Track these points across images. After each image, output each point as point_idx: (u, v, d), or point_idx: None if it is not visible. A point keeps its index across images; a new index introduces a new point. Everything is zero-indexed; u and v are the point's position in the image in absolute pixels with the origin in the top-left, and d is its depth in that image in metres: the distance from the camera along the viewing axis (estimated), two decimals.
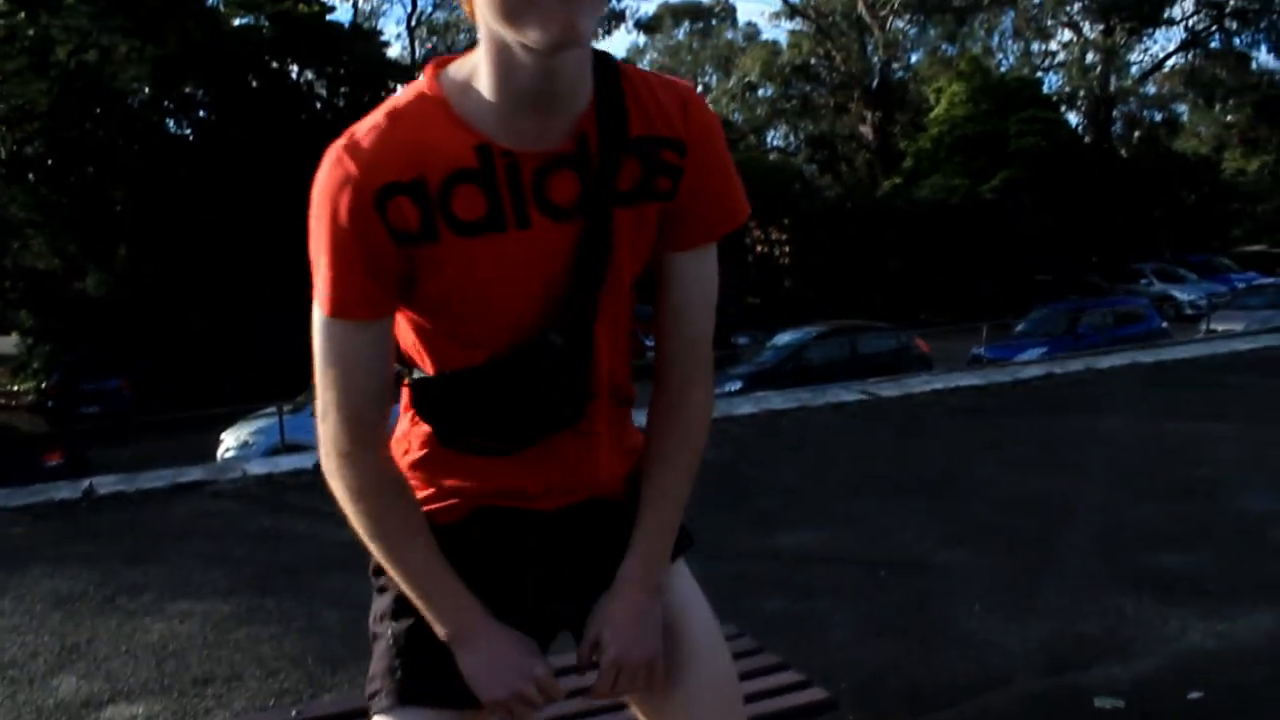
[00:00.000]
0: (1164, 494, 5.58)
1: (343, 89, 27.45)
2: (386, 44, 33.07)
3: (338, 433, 1.31)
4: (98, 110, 22.60)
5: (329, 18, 28.41)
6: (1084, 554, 4.63)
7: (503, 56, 1.17)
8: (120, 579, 4.80)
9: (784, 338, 18.37)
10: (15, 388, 24.22)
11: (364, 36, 30.53)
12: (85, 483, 6.43)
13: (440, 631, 1.38)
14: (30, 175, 23.11)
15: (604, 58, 1.28)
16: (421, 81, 1.26)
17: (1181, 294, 27.65)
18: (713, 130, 1.34)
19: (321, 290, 1.25)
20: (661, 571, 1.46)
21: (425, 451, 1.43)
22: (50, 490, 6.39)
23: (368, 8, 37.12)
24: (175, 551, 5.24)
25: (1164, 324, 19.60)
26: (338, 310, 1.25)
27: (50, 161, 23.13)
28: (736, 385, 15.99)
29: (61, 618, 4.37)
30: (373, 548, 1.38)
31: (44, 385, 22.23)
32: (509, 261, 1.25)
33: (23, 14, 21.90)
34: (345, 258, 1.22)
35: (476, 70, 1.21)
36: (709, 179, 1.33)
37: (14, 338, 25.08)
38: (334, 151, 1.22)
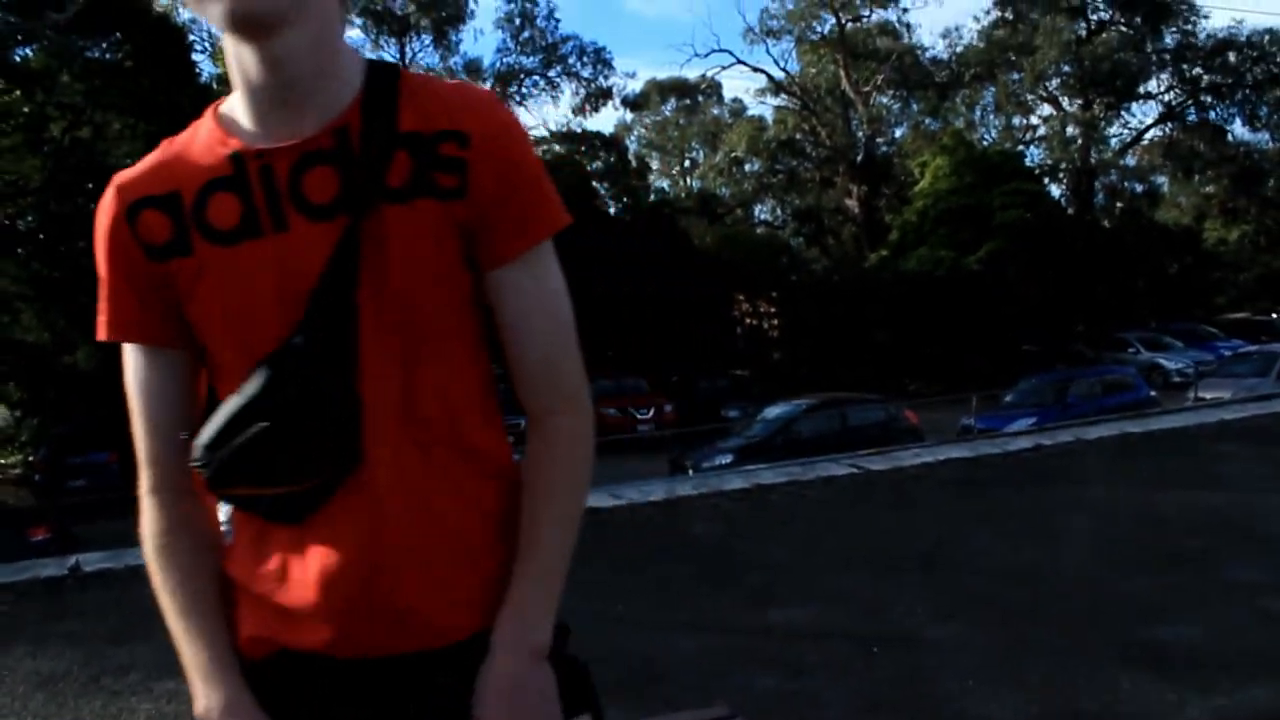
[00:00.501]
0: (1156, 565, 5.57)
1: None
2: None
3: (140, 470, 1.29)
4: (90, 185, 22.75)
5: None
6: (1078, 627, 4.61)
7: (234, 56, 1.17)
8: (106, 659, 4.74)
9: (773, 411, 18.37)
10: (2, 461, 24.07)
11: None
12: (71, 559, 6.36)
13: (197, 706, 1.25)
14: (21, 250, 23.19)
15: (383, 63, 1.26)
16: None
17: (1169, 362, 27.75)
18: (508, 127, 1.23)
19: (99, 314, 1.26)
20: (543, 629, 1.25)
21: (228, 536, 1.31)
22: (36, 567, 6.32)
23: None
24: (162, 629, 5.16)
25: (1152, 392, 19.68)
26: (109, 331, 1.26)
27: (42, 236, 23.22)
28: (727, 459, 15.97)
29: (45, 699, 4.31)
30: (160, 602, 1.29)
31: (31, 459, 22.10)
32: (269, 267, 1.18)
33: (18, 91, 22.23)
34: (110, 277, 1.24)
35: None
36: (507, 177, 1.22)
37: (2, 410, 25.00)
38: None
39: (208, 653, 1.26)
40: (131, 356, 1.27)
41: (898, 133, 45.80)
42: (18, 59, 22.94)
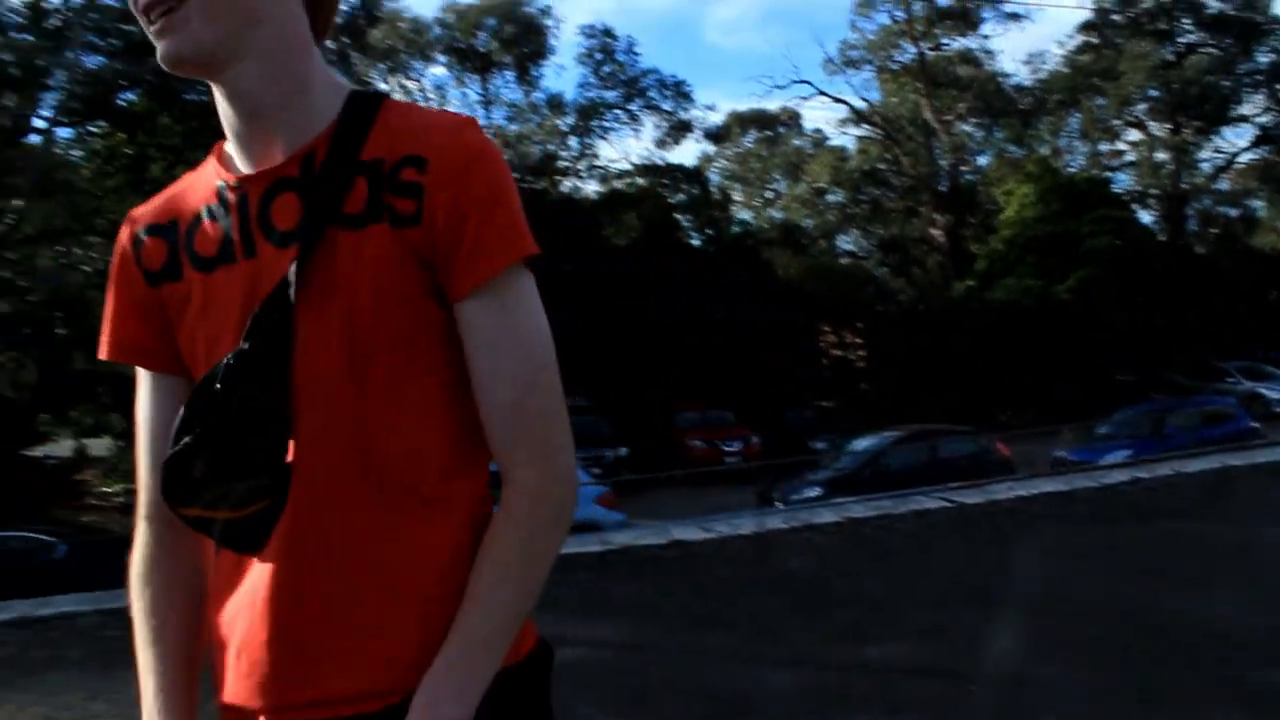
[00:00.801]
0: (1269, 604, 5.39)
1: None
2: None
3: (138, 496, 1.30)
4: None
5: None
6: (1187, 669, 4.48)
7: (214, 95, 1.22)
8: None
9: (862, 443, 18.18)
10: (107, 489, 24.78)
11: None
12: None
13: None
14: None
15: (367, 92, 1.24)
16: None
17: (1271, 391, 26.91)
18: (471, 150, 1.16)
19: None
20: (456, 704, 1.11)
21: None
22: None
23: None
24: None
25: (1254, 423, 19.08)
26: (107, 350, 1.29)
27: None
28: (815, 491, 15.85)
29: None
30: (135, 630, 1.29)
31: (134, 487, 22.72)
32: (237, 292, 1.19)
33: (122, 134, 23.20)
34: (114, 299, 1.29)
35: None
36: (460, 203, 1.14)
37: (107, 440, 25.79)
38: None
39: (155, 689, 1.25)
40: (139, 382, 1.31)
41: (981, 161, 45.32)
42: (122, 103, 23.93)
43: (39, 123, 24.68)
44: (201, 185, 1.25)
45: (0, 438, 23.56)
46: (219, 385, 1.15)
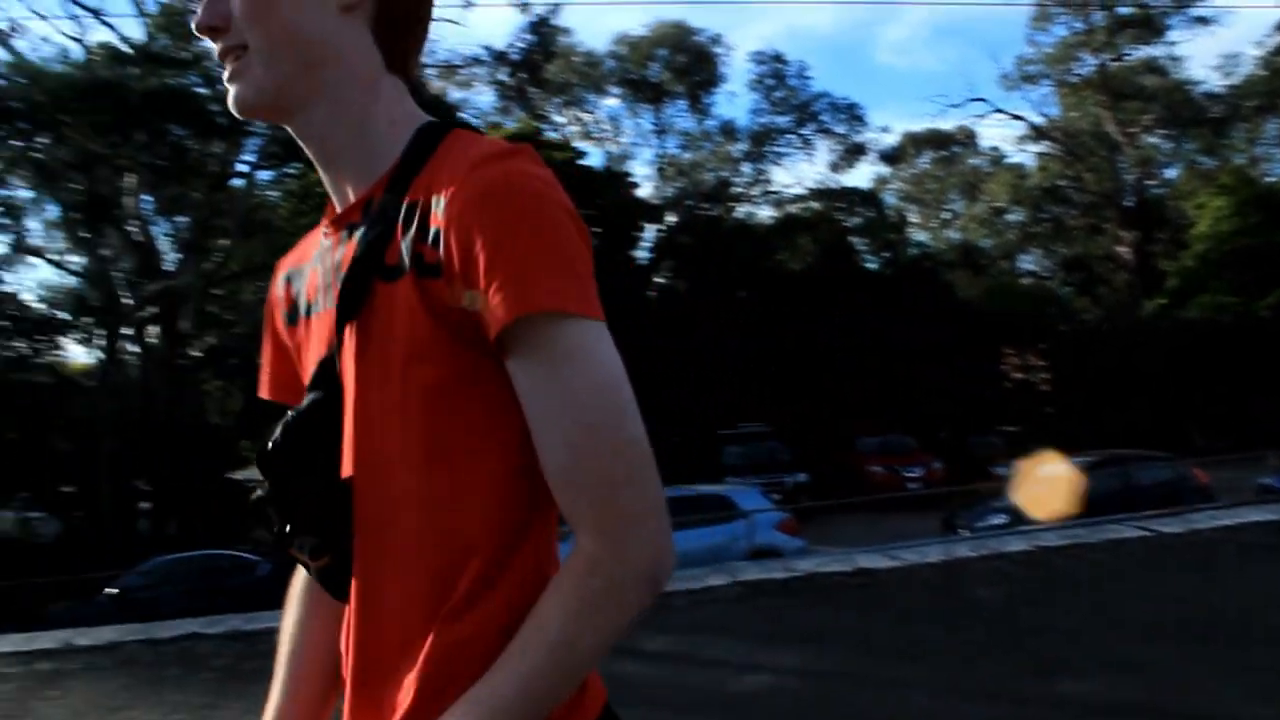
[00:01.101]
0: None
1: (596, 229, 28.82)
2: (636, 185, 34.55)
3: None
4: None
5: (579, 163, 29.95)
6: None
7: None
8: None
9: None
10: None
11: (616, 179, 32.14)
12: None
13: None
14: None
15: (433, 125, 1.17)
16: None
17: None
18: (491, 183, 1.02)
19: None
20: None
21: None
22: None
23: (618, 151, 38.94)
24: None
25: None
26: (266, 389, 1.34)
27: None
28: (1001, 519, 15.40)
29: None
30: None
31: None
32: (320, 340, 1.18)
33: (315, 174, 24.51)
34: (267, 343, 1.34)
35: None
36: (475, 245, 1.01)
37: None
38: None
39: (277, 701, 1.31)
40: None
41: (1170, 173, 43.36)
42: None
43: (242, 167, 26.49)
44: (318, 231, 1.27)
45: (208, 462, 25.08)
46: (271, 443, 1.13)
